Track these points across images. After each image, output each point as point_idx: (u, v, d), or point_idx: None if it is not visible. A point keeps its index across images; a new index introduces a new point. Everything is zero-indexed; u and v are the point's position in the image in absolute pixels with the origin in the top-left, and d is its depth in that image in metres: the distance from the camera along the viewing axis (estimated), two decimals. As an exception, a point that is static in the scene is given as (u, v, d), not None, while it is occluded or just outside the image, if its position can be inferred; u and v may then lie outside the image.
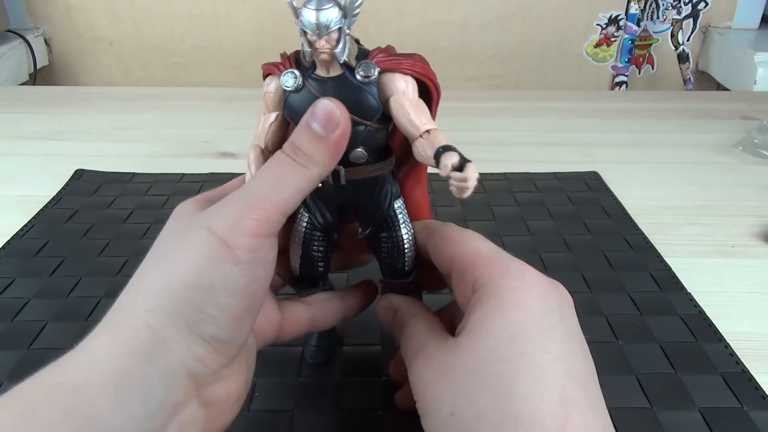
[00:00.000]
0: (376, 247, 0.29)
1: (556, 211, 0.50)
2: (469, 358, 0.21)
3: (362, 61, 0.24)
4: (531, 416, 0.19)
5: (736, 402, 0.31)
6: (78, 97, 0.81)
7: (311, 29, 0.23)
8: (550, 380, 0.20)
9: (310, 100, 0.24)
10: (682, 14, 1.24)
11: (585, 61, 1.30)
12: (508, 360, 0.20)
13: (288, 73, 0.24)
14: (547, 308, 0.22)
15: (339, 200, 0.28)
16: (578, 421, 0.19)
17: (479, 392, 0.20)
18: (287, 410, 0.31)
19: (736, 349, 0.35)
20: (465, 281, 0.24)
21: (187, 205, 0.25)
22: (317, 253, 0.29)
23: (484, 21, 1.25)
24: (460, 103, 0.76)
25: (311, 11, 0.23)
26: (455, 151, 0.23)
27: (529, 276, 0.23)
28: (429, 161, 0.24)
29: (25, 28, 1.24)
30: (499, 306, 0.22)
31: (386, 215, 0.28)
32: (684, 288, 0.40)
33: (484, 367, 0.21)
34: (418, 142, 0.24)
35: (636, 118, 0.72)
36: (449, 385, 0.21)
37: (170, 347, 0.21)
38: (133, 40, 1.27)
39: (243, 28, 1.25)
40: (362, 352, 0.35)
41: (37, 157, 0.61)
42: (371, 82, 0.24)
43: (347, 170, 0.26)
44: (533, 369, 0.20)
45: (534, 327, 0.21)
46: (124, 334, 0.21)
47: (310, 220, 0.28)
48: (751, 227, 0.48)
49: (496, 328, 0.21)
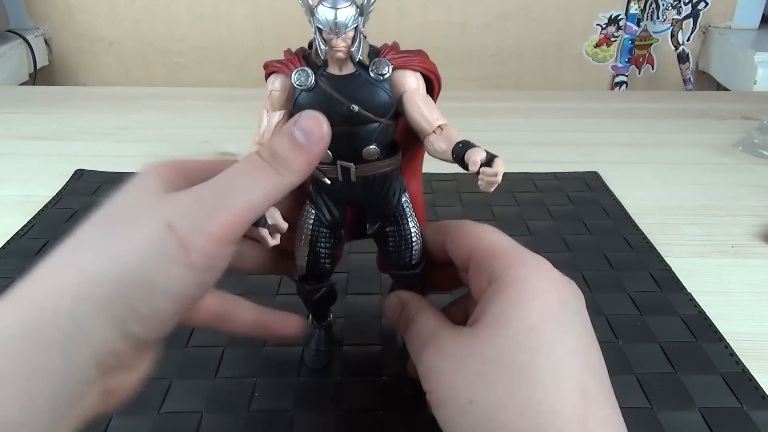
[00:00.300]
0: (383, 241, 0.29)
1: (556, 211, 0.50)
2: (487, 347, 0.21)
3: (376, 58, 0.24)
4: (551, 405, 0.20)
5: (736, 402, 0.31)
6: (78, 97, 0.81)
7: (329, 28, 0.23)
8: (569, 372, 0.20)
9: (325, 98, 0.24)
10: (682, 14, 1.24)
11: (585, 61, 1.30)
12: (528, 351, 0.21)
13: (300, 71, 0.24)
14: (564, 302, 0.22)
15: (348, 197, 0.28)
16: (597, 413, 0.20)
17: (499, 381, 0.20)
18: (287, 410, 0.31)
19: (736, 349, 0.35)
20: (482, 272, 0.24)
21: (157, 175, 0.23)
22: (324, 250, 0.29)
23: (484, 21, 1.25)
24: (460, 103, 0.76)
25: (329, 9, 0.22)
26: (477, 146, 0.24)
27: (545, 269, 0.23)
28: (444, 156, 0.25)
29: (25, 28, 1.24)
30: (517, 297, 0.22)
31: (395, 210, 0.28)
32: (684, 288, 0.40)
33: (503, 357, 0.21)
34: (432, 137, 0.25)
35: (636, 118, 0.72)
36: (466, 373, 0.21)
37: (88, 340, 0.20)
38: (133, 40, 1.27)
39: (243, 28, 1.25)
40: (362, 353, 0.35)
41: (37, 157, 0.61)
42: (386, 79, 0.24)
43: (357, 167, 0.26)
44: (552, 361, 0.20)
45: (552, 319, 0.21)
46: (44, 320, 0.19)
47: (317, 217, 0.28)
48: (751, 227, 0.48)
49: (515, 318, 0.21)
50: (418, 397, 0.30)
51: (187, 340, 0.35)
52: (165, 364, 0.33)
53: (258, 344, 0.35)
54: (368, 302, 0.38)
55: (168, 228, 0.20)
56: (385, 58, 0.24)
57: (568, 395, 0.20)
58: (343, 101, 0.24)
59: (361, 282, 0.41)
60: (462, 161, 0.24)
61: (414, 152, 0.29)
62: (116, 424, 0.30)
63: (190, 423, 0.30)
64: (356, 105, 0.24)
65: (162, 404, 0.31)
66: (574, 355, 0.21)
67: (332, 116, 0.23)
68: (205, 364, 0.34)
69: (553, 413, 0.19)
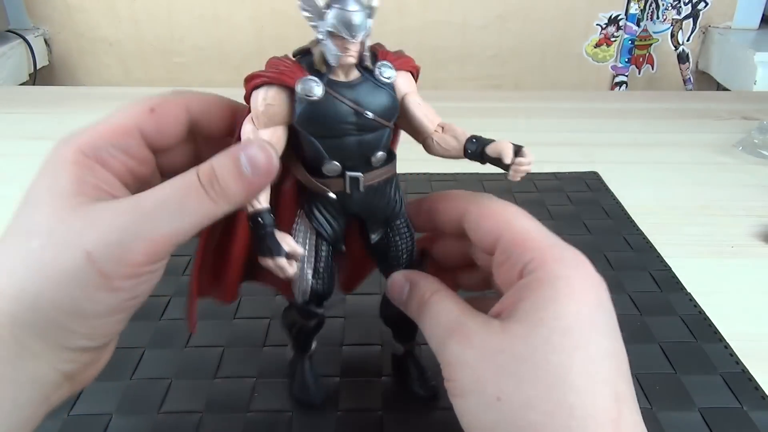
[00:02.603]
0: (385, 247, 0.28)
1: (556, 211, 0.50)
2: (518, 343, 0.21)
3: (379, 62, 0.23)
4: (584, 409, 0.19)
5: (736, 402, 0.31)
6: (78, 97, 0.81)
7: (348, 32, 0.21)
8: (603, 376, 0.20)
9: (336, 107, 0.22)
10: (682, 14, 1.24)
11: (585, 61, 1.29)
12: (562, 352, 0.20)
13: (309, 81, 0.22)
14: (600, 303, 0.22)
15: (353, 208, 0.26)
16: (629, 418, 0.20)
17: (529, 380, 0.20)
18: (287, 410, 0.31)
19: (736, 349, 0.35)
20: (512, 262, 0.23)
21: (67, 172, 0.21)
22: (329, 268, 0.27)
23: (484, 21, 1.25)
24: (460, 103, 0.76)
25: (347, 12, 0.21)
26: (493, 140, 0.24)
27: (583, 266, 0.23)
28: (452, 153, 0.25)
29: (25, 28, 1.24)
30: (554, 295, 0.21)
31: (399, 215, 0.27)
32: (684, 288, 0.40)
33: (535, 356, 0.20)
34: (436, 135, 0.25)
35: (636, 118, 0.72)
36: (494, 367, 0.21)
37: (39, 357, 0.20)
38: (133, 41, 1.27)
39: (243, 28, 1.25)
40: (362, 352, 0.35)
41: (37, 157, 0.60)
42: (391, 82, 0.24)
43: (364, 176, 0.24)
44: (587, 363, 0.20)
45: (588, 321, 0.21)
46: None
47: (318, 233, 0.26)
48: (751, 227, 0.48)
49: (550, 318, 0.21)
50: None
51: (186, 341, 0.35)
52: (165, 364, 0.34)
53: (258, 344, 0.35)
54: (368, 302, 0.38)
55: (87, 257, 0.19)
56: (386, 61, 0.24)
57: (602, 400, 0.19)
58: (356, 109, 0.23)
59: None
60: (482, 156, 0.24)
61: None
62: (116, 424, 0.30)
63: (190, 423, 0.30)
64: (370, 111, 0.23)
65: (162, 404, 0.31)
66: (609, 358, 0.20)
67: (345, 126, 0.23)
68: (205, 364, 0.34)
69: (586, 417, 0.19)
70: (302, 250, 0.24)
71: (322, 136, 0.23)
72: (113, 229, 0.20)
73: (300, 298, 0.27)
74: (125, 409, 0.31)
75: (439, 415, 0.30)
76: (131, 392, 0.32)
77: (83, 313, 0.20)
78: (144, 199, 0.21)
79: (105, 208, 0.20)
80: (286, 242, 0.23)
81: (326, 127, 0.23)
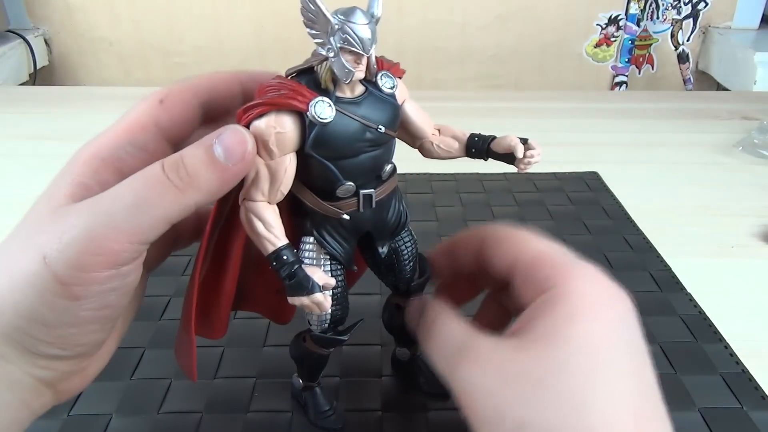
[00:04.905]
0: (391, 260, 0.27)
1: (556, 211, 0.50)
2: (536, 366, 0.20)
3: (381, 72, 0.23)
4: (604, 430, 0.19)
5: (736, 402, 0.31)
6: (78, 97, 0.81)
7: (361, 46, 0.20)
8: (622, 396, 0.20)
9: (350, 126, 0.21)
10: (682, 14, 1.24)
11: (585, 61, 1.29)
12: (580, 373, 0.20)
13: (320, 103, 0.21)
14: (617, 318, 0.21)
15: (365, 226, 0.25)
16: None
17: (550, 404, 0.19)
18: (287, 410, 0.31)
19: (736, 349, 0.35)
20: (529, 283, 0.23)
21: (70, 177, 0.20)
22: (344, 291, 0.26)
23: (484, 21, 1.25)
24: (460, 103, 0.76)
25: (358, 26, 0.20)
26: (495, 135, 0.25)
27: (598, 281, 0.22)
28: (453, 153, 0.25)
29: (25, 28, 1.24)
30: (570, 314, 0.21)
31: (406, 224, 0.26)
32: (684, 288, 0.40)
33: (553, 378, 0.20)
34: (434, 138, 0.25)
35: (636, 118, 0.72)
36: (515, 394, 0.20)
37: (11, 363, 0.19)
38: (132, 40, 1.27)
39: (243, 28, 1.25)
40: (362, 353, 0.35)
41: (37, 157, 0.61)
42: (394, 92, 0.23)
43: (376, 191, 0.24)
44: (606, 383, 0.20)
45: (606, 338, 0.20)
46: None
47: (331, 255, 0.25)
48: (751, 227, 0.48)
49: (567, 336, 0.20)
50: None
51: (187, 340, 0.35)
52: (165, 364, 0.34)
53: (258, 344, 0.35)
54: (368, 302, 0.38)
55: (44, 263, 0.18)
56: (385, 71, 0.23)
57: (622, 420, 0.19)
58: (369, 125, 0.22)
59: (361, 282, 0.40)
60: (487, 151, 0.25)
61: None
62: (116, 424, 0.30)
63: (189, 423, 0.30)
64: (382, 125, 0.22)
65: (162, 404, 0.31)
66: (628, 377, 0.20)
67: (359, 144, 0.22)
68: (205, 364, 0.34)
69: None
70: (333, 281, 0.23)
71: (337, 158, 0.22)
72: (67, 231, 0.18)
73: (317, 327, 0.26)
74: (125, 409, 0.31)
75: (439, 415, 0.31)
76: (131, 392, 0.32)
77: (44, 321, 0.19)
78: (102, 197, 0.19)
79: (69, 210, 0.19)
80: (318, 275, 0.22)
81: (341, 149, 0.22)
